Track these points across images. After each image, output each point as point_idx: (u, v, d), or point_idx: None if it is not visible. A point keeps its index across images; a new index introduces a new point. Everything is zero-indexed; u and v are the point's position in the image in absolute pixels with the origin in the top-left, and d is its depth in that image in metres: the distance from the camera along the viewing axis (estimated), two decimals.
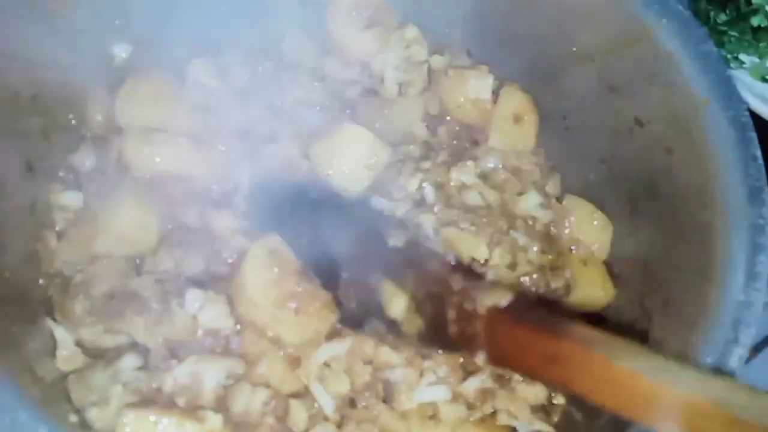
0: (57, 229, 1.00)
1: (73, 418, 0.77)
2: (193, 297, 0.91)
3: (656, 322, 0.88)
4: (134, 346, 0.90)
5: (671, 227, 0.90)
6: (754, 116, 1.21)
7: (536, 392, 0.95)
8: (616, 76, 1.01)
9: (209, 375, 0.84)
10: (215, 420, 0.78)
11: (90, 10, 0.99)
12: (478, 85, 1.17)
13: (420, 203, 1.07)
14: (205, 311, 0.91)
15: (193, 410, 0.79)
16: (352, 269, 0.91)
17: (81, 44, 1.01)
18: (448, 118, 1.20)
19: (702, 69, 0.88)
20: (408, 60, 1.21)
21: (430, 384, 0.93)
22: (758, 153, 0.82)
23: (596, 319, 0.99)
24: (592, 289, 1.04)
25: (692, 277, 0.82)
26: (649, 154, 0.98)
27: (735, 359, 0.72)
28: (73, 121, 1.06)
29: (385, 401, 0.93)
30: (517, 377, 0.94)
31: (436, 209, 1.05)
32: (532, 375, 0.81)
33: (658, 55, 0.93)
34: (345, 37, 1.20)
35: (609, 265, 1.06)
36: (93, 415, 0.77)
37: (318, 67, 1.24)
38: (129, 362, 0.87)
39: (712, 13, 1.37)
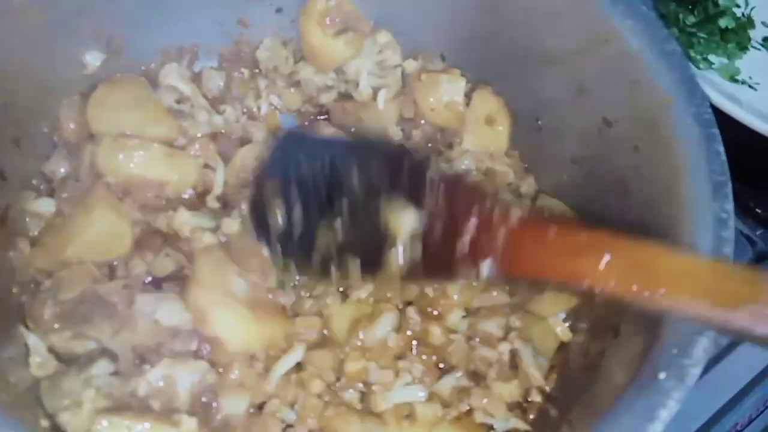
0: (30, 236, 1.00)
1: (45, 423, 0.77)
2: (144, 301, 0.91)
3: (626, 317, 0.89)
4: (105, 352, 0.90)
5: (642, 223, 0.91)
6: (722, 115, 1.24)
7: (511, 390, 0.95)
8: (585, 77, 1.02)
9: (182, 377, 0.84)
10: (190, 423, 0.78)
11: (61, 17, 0.99)
12: (451, 88, 1.18)
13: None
14: (160, 311, 0.90)
15: (168, 414, 0.79)
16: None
17: (52, 52, 1.01)
18: (422, 121, 1.21)
19: (666, 68, 0.90)
20: (381, 64, 1.23)
21: (406, 384, 0.93)
22: (721, 149, 0.84)
23: None
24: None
25: None
26: (618, 152, 0.99)
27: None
28: (46, 129, 1.05)
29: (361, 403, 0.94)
30: (491, 375, 0.94)
31: None
32: (551, 274, 0.78)
33: (625, 55, 0.94)
34: (318, 44, 1.21)
35: None
36: (65, 419, 0.77)
37: (293, 74, 1.25)
38: (101, 368, 0.86)
39: (680, 16, 1.40)
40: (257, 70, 1.26)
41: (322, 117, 1.25)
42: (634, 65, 0.93)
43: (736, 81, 1.39)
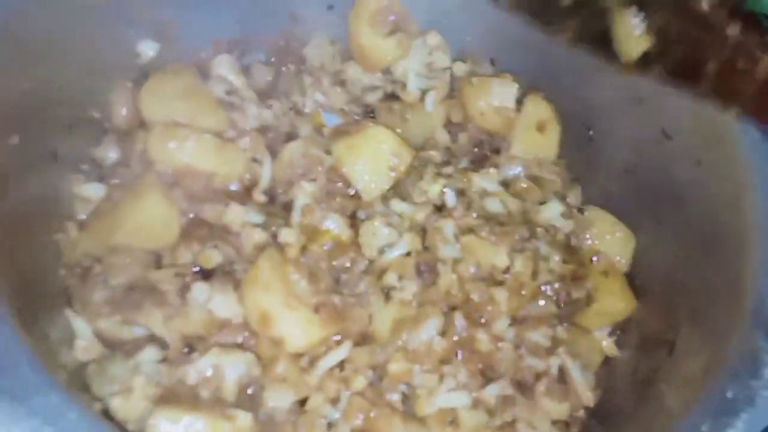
0: (78, 220, 1.00)
1: (97, 406, 0.76)
2: (200, 289, 0.91)
3: (684, 333, 0.87)
4: (153, 339, 0.90)
5: (699, 239, 0.89)
6: None
7: (560, 409, 0.94)
8: (643, 86, 1.00)
9: (230, 368, 0.84)
10: (245, 419, 0.77)
11: (120, 3, 0.99)
12: (503, 93, 1.17)
13: (440, 208, 1.07)
14: (214, 301, 0.91)
15: (221, 408, 0.78)
16: None
17: (109, 38, 1.02)
18: (470, 125, 1.20)
19: None
20: (430, 66, 1.22)
21: (450, 389, 0.92)
22: None
23: None
24: (613, 301, 1.04)
25: (722, 288, 0.82)
26: (677, 165, 0.97)
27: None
28: (97, 115, 1.05)
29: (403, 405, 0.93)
30: (540, 389, 0.93)
31: (456, 215, 1.05)
32: None
33: None
34: (368, 43, 1.21)
35: (631, 277, 1.05)
36: (115, 405, 0.76)
37: (339, 72, 1.24)
38: (149, 355, 0.86)
39: None
40: (303, 67, 1.25)
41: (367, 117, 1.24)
42: None
43: None
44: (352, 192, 1.07)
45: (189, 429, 0.73)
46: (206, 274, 0.97)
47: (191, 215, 1.02)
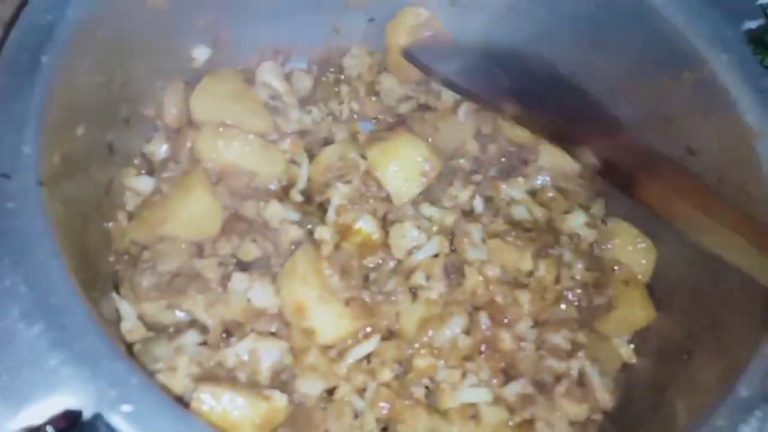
0: (127, 210, 1.06)
1: None
2: (239, 279, 0.97)
3: (704, 344, 0.90)
4: (193, 324, 0.95)
5: None
6: None
7: (578, 411, 0.97)
8: (672, 105, 1.04)
9: (266, 354, 0.89)
10: (281, 399, 0.82)
11: (180, 9, 1.06)
12: None
13: (468, 213, 1.11)
14: (253, 291, 0.96)
15: (258, 388, 0.83)
16: None
17: (168, 41, 1.09)
18: (500, 136, 1.24)
19: (759, 103, 0.92)
20: None
21: (472, 385, 0.96)
22: None
23: None
24: (633, 310, 1.07)
25: (744, 301, 0.85)
26: None
27: None
28: (151, 113, 1.12)
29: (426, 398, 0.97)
30: (559, 391, 0.97)
31: (484, 220, 1.09)
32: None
33: (716, 88, 0.96)
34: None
35: (652, 287, 1.08)
36: (161, 381, 0.82)
37: (374, 83, 1.30)
38: (191, 338, 0.92)
39: None
40: (342, 77, 1.31)
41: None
42: (725, 98, 0.95)
43: None
44: (384, 195, 1.12)
45: (230, 405, 0.78)
46: (244, 267, 1.02)
47: (233, 211, 1.08)
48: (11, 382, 0.58)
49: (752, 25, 1.01)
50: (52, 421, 0.57)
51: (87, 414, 0.57)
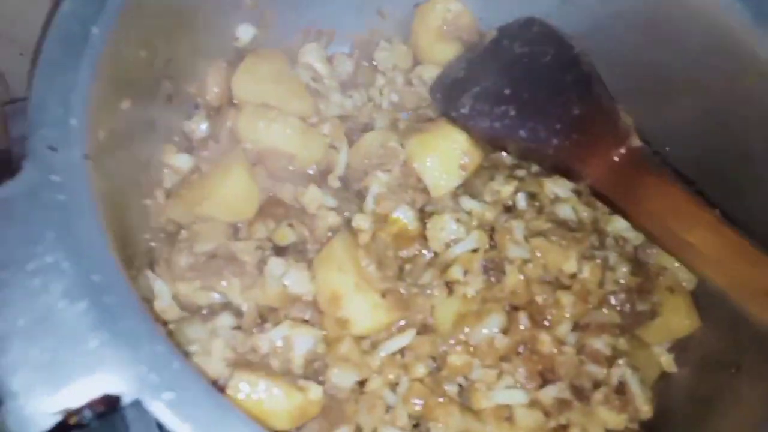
0: (165, 187, 1.05)
1: None
2: (276, 263, 0.95)
3: (751, 357, 0.87)
4: (227, 307, 0.94)
5: None
6: None
7: (617, 420, 0.94)
8: (729, 112, 1.00)
9: (300, 341, 0.88)
10: (317, 391, 0.81)
11: None
12: None
13: (510, 209, 1.08)
14: (289, 276, 0.95)
15: (293, 379, 0.82)
16: None
17: (214, 19, 1.07)
18: None
19: None
20: None
21: (508, 387, 0.94)
22: None
23: None
24: (677, 317, 1.03)
25: None
26: (754, 191, 0.96)
27: None
28: (193, 90, 1.11)
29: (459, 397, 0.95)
30: (597, 398, 0.94)
31: (527, 217, 1.06)
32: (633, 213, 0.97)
33: None
34: (425, 46, 1.23)
35: (697, 295, 1.05)
36: (197, 362, 0.81)
37: (413, 72, 1.26)
38: (225, 321, 0.90)
39: None
40: (378, 67, 1.28)
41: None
42: None
43: None
44: (422, 186, 1.10)
45: (265, 394, 0.77)
46: (279, 252, 1.01)
47: (270, 194, 1.06)
48: (51, 362, 0.57)
49: None
50: (91, 405, 0.56)
51: (126, 399, 0.56)
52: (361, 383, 0.94)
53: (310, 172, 1.11)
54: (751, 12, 0.94)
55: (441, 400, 0.92)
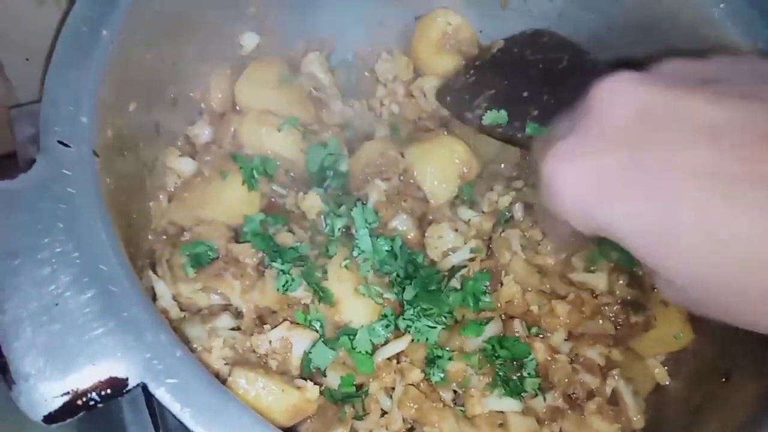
0: (168, 190, 1.06)
1: None
2: (276, 266, 0.95)
3: (741, 367, 0.88)
4: (227, 308, 0.95)
5: None
6: None
7: (610, 430, 0.95)
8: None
9: (297, 343, 0.88)
10: (313, 391, 0.82)
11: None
12: None
13: (508, 219, 1.10)
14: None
15: (291, 378, 0.83)
16: None
17: (218, 26, 1.09)
18: None
19: None
20: None
21: (503, 394, 0.94)
22: None
23: None
24: (671, 330, 1.03)
25: None
26: None
27: None
28: (197, 96, 1.13)
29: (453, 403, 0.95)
30: (591, 408, 0.95)
31: (523, 227, 1.08)
32: None
33: None
34: (425, 58, 1.26)
35: None
36: (199, 357, 0.82)
37: (414, 84, 1.29)
38: (224, 322, 0.92)
39: None
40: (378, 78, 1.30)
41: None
42: None
43: None
44: (421, 195, 1.11)
45: (263, 390, 0.77)
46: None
47: (272, 199, 1.08)
48: (59, 348, 0.58)
49: None
50: (97, 387, 0.57)
51: (132, 383, 0.57)
52: (358, 387, 0.95)
53: (311, 176, 1.13)
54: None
55: (435, 405, 0.92)
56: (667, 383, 1.04)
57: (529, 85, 1.07)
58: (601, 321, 1.01)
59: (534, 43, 1.15)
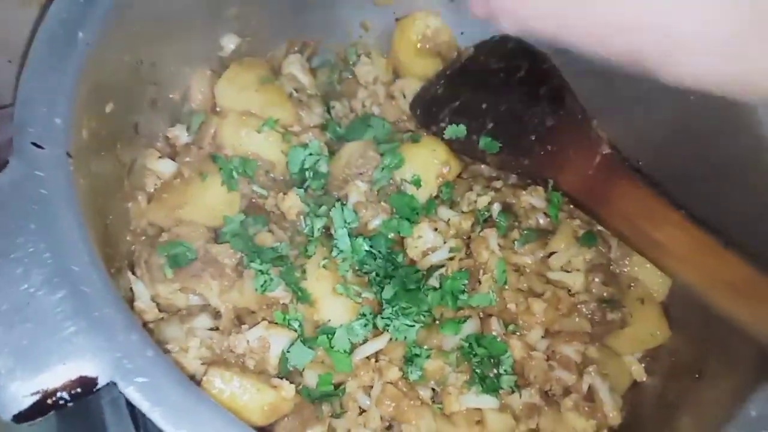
0: (147, 191, 1.06)
1: None
2: (255, 267, 0.96)
3: (714, 364, 0.89)
4: (205, 308, 0.95)
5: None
6: None
7: (586, 426, 0.96)
8: (699, 125, 1.03)
9: (275, 342, 0.89)
10: (289, 390, 0.82)
11: (211, 2, 1.08)
12: None
13: (486, 219, 1.11)
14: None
15: (267, 377, 0.83)
16: None
17: (198, 27, 1.09)
18: None
19: None
20: None
21: (480, 392, 0.95)
22: None
23: None
24: (647, 327, 1.06)
25: None
26: (724, 203, 0.99)
27: None
28: (177, 97, 1.13)
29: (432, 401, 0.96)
30: (567, 404, 0.96)
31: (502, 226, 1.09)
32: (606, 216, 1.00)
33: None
34: (405, 60, 1.27)
35: (667, 307, 1.07)
36: (174, 357, 0.82)
37: (394, 85, 1.30)
38: (202, 322, 0.92)
39: None
40: (358, 81, 1.30)
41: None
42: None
43: None
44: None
45: (238, 389, 0.78)
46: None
47: (251, 199, 1.08)
48: (30, 347, 0.59)
49: None
50: (67, 386, 0.57)
51: (101, 382, 0.58)
52: (336, 386, 0.96)
53: (291, 177, 1.13)
54: None
55: (413, 403, 0.93)
56: (644, 380, 1.06)
57: (489, 96, 1.11)
58: (577, 318, 1.02)
59: (498, 50, 1.17)
